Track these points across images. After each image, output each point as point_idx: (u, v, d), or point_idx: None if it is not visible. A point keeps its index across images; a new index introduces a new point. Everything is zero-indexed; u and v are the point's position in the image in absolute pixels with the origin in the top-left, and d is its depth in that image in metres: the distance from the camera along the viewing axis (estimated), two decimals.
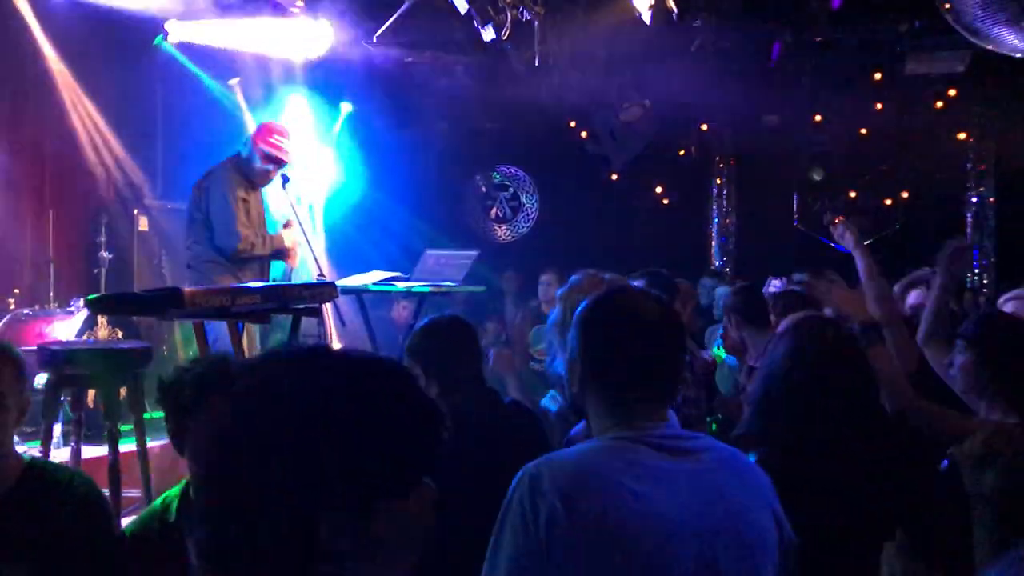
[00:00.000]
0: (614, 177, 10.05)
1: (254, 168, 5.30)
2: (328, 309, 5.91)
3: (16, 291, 6.40)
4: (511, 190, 11.00)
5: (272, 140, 5.30)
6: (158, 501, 2.36)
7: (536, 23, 6.89)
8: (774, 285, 5.79)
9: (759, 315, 4.31)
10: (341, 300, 5.63)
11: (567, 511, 1.62)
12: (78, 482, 2.39)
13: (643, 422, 1.78)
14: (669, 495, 1.68)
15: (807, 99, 9.46)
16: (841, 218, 5.13)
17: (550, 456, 1.77)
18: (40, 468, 2.40)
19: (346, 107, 8.81)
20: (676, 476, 1.71)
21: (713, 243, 10.63)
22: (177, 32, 7.60)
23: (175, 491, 2.32)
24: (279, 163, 5.33)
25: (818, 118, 9.72)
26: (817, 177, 10.00)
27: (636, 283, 5.95)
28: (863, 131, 9.68)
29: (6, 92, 6.84)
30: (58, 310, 5.95)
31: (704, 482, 1.73)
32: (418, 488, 1.06)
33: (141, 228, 7.54)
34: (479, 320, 9.07)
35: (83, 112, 7.32)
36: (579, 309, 1.94)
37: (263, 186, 5.49)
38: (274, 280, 5.57)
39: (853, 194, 9.89)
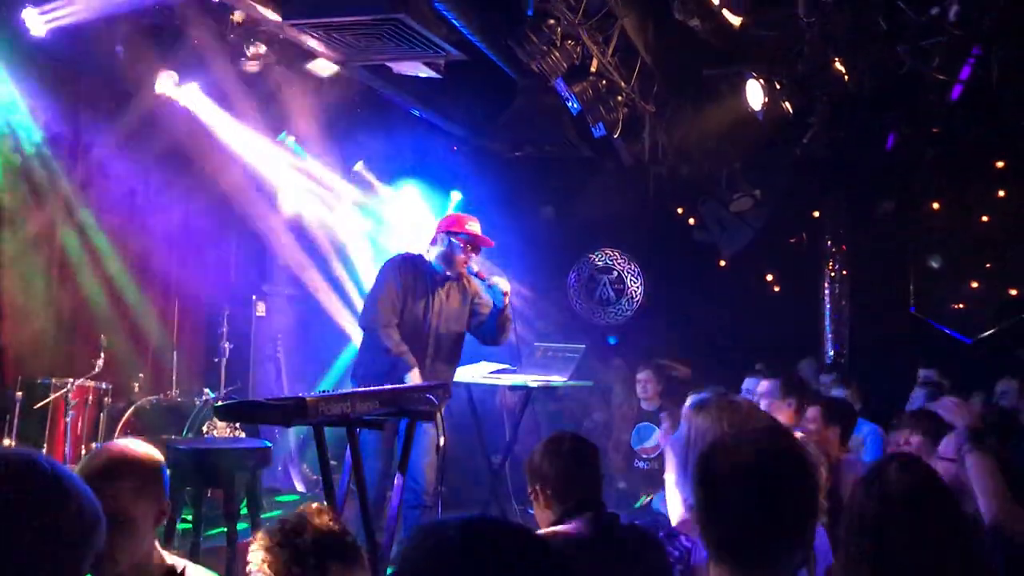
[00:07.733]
0: (722, 263, 9.91)
1: (455, 258, 5.30)
2: None
3: (141, 375, 6.63)
4: (615, 273, 10.95)
5: (469, 228, 5.36)
6: None
7: (647, 117, 6.94)
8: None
9: None
10: None
11: None
12: None
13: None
14: None
15: (924, 185, 9.21)
16: None
17: None
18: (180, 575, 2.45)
19: (456, 195, 8.99)
20: None
21: (826, 330, 10.29)
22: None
23: None
24: (477, 248, 5.38)
25: (936, 205, 9.43)
26: (935, 264, 9.67)
27: (755, 379, 5.85)
28: (985, 218, 9.34)
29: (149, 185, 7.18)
30: (180, 399, 6.13)
31: None
32: None
33: (258, 313, 7.79)
34: (584, 409, 9.01)
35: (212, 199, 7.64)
36: (702, 452, 1.95)
37: (459, 275, 5.43)
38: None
39: (975, 284, 9.50)
